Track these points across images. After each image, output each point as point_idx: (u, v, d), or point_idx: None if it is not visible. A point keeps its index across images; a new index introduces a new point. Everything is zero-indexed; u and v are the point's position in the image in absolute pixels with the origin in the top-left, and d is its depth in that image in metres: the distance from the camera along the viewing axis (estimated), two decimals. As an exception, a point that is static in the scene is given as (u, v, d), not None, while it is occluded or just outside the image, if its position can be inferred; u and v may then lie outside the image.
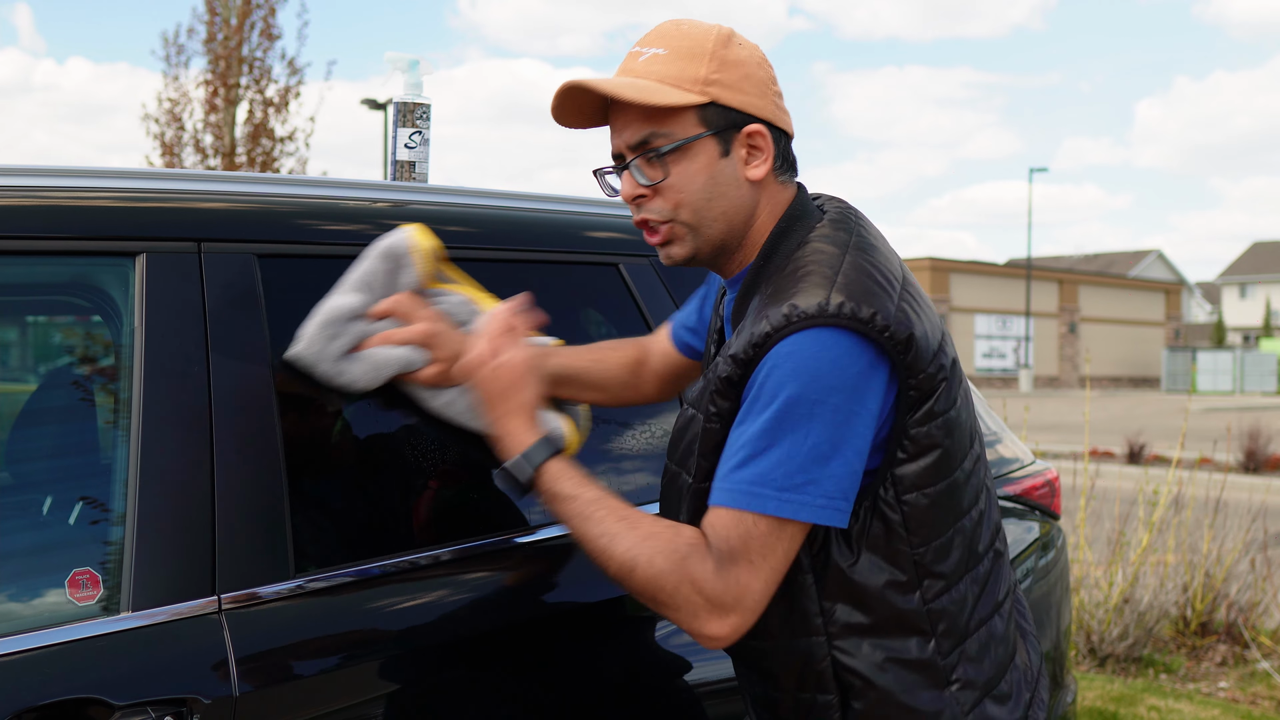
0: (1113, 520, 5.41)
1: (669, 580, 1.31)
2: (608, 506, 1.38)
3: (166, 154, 16.90)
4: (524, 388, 1.50)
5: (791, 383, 1.28)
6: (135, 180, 1.66)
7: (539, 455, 1.44)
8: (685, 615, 1.32)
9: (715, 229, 1.44)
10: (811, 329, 1.29)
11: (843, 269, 1.34)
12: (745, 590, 1.30)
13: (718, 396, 1.36)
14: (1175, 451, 6.21)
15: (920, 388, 1.33)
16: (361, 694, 1.55)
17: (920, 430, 1.34)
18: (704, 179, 1.42)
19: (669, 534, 1.34)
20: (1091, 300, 46.59)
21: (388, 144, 2.05)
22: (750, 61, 1.42)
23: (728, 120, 1.41)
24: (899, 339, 1.30)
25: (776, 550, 1.31)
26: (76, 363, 1.91)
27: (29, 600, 1.50)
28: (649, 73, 1.41)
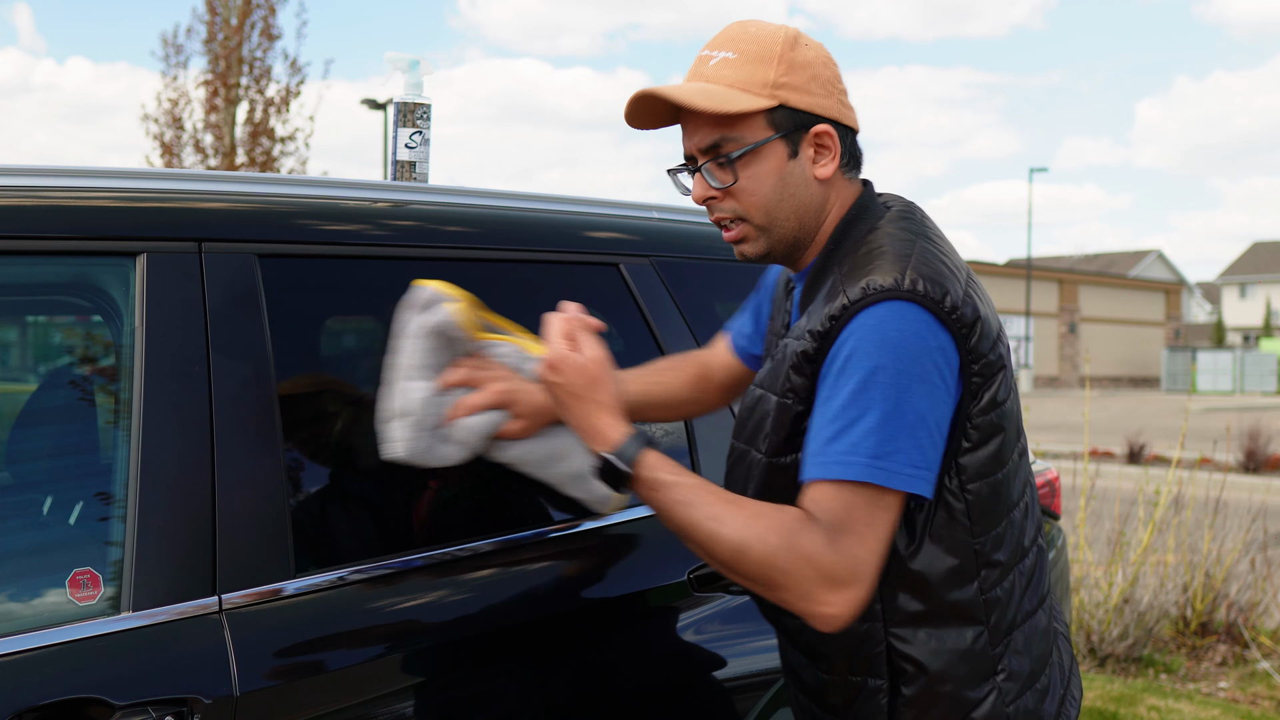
0: (1113, 520, 5.41)
1: (782, 557, 1.30)
2: (709, 490, 1.38)
3: (166, 154, 16.90)
4: (607, 382, 1.48)
5: (877, 353, 1.30)
6: (135, 180, 1.66)
7: (635, 446, 1.42)
8: (800, 593, 1.30)
9: (787, 227, 1.47)
10: (888, 302, 1.32)
11: (915, 253, 1.38)
12: (857, 561, 1.30)
13: (793, 372, 1.39)
14: (1175, 451, 6.21)
15: (983, 373, 1.36)
16: (362, 694, 1.55)
17: (984, 418, 1.37)
18: (774, 181, 1.45)
19: (775, 512, 1.34)
20: (1091, 300, 46.60)
21: (388, 144, 2.05)
22: (816, 62, 1.45)
23: (795, 122, 1.43)
24: (966, 321, 1.34)
25: (879, 520, 1.31)
26: (77, 363, 1.91)
27: (30, 600, 1.50)
28: (719, 77, 1.43)
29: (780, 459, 1.42)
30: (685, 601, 1.87)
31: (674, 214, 2.21)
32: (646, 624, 1.85)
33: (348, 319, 2.09)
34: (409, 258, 1.82)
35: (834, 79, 1.47)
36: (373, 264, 1.79)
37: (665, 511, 1.40)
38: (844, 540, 1.30)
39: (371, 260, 1.79)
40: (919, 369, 1.30)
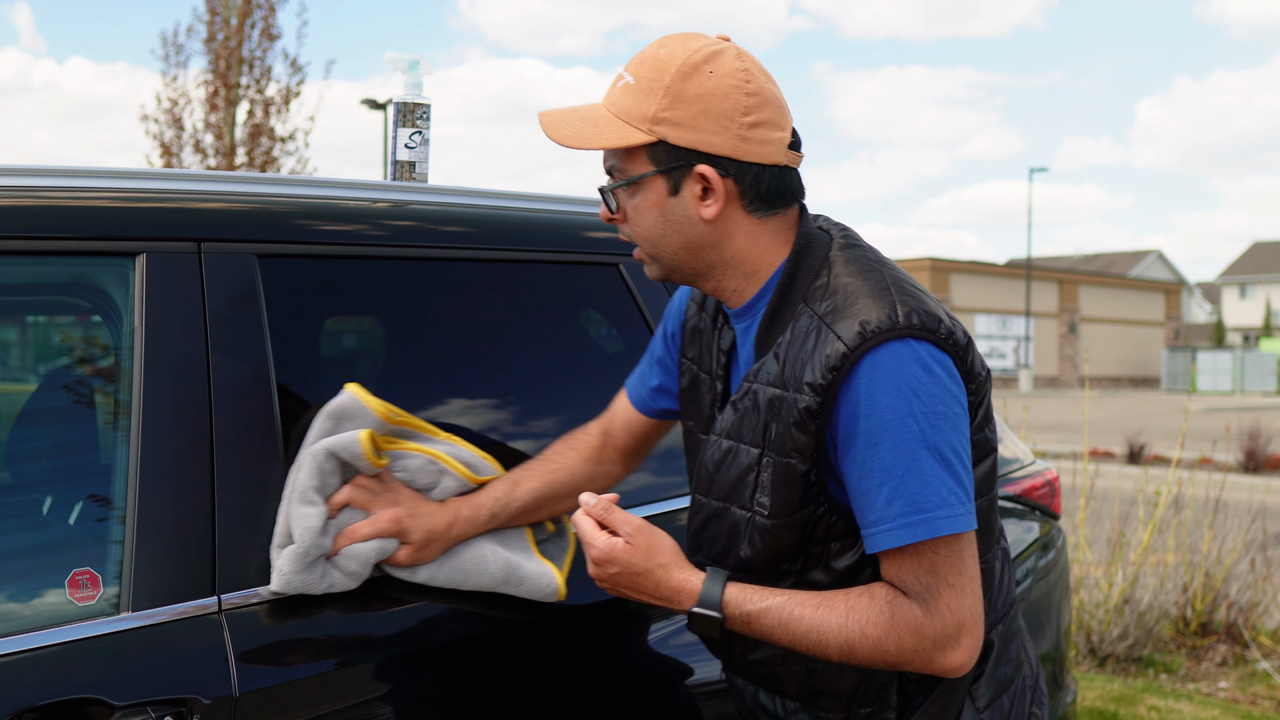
0: (1113, 520, 5.40)
1: (890, 643, 1.30)
2: (798, 603, 1.35)
3: (166, 154, 16.90)
4: (661, 544, 1.43)
5: (901, 403, 1.27)
6: (135, 180, 1.66)
7: (715, 591, 1.38)
8: (922, 663, 1.31)
9: (678, 259, 1.43)
10: (889, 343, 1.28)
11: (891, 284, 1.34)
12: (960, 612, 1.29)
13: (796, 430, 1.32)
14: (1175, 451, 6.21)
15: (977, 392, 1.36)
16: (362, 694, 1.55)
17: (980, 436, 1.37)
18: (654, 216, 1.40)
19: (867, 602, 1.32)
20: (1091, 300, 46.59)
21: (388, 144, 2.05)
22: (714, 93, 1.34)
23: (676, 159, 1.36)
24: (960, 344, 1.32)
25: (964, 563, 1.30)
26: (76, 363, 1.91)
27: (29, 600, 1.50)
28: (614, 103, 1.39)
29: (785, 519, 1.36)
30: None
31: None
32: (646, 626, 1.85)
33: (348, 319, 2.09)
34: (409, 258, 1.82)
35: (735, 111, 1.34)
36: (373, 264, 1.79)
37: (766, 637, 1.37)
38: (940, 601, 1.29)
39: (371, 260, 1.78)
40: (943, 406, 1.28)
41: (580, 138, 1.38)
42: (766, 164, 1.37)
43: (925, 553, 1.28)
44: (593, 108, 1.41)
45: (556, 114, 1.42)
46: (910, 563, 1.29)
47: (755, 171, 1.37)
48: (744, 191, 1.38)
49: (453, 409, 1.87)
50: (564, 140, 1.38)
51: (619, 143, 1.36)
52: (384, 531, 1.54)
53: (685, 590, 1.40)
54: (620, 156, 1.40)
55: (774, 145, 1.37)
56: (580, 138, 1.38)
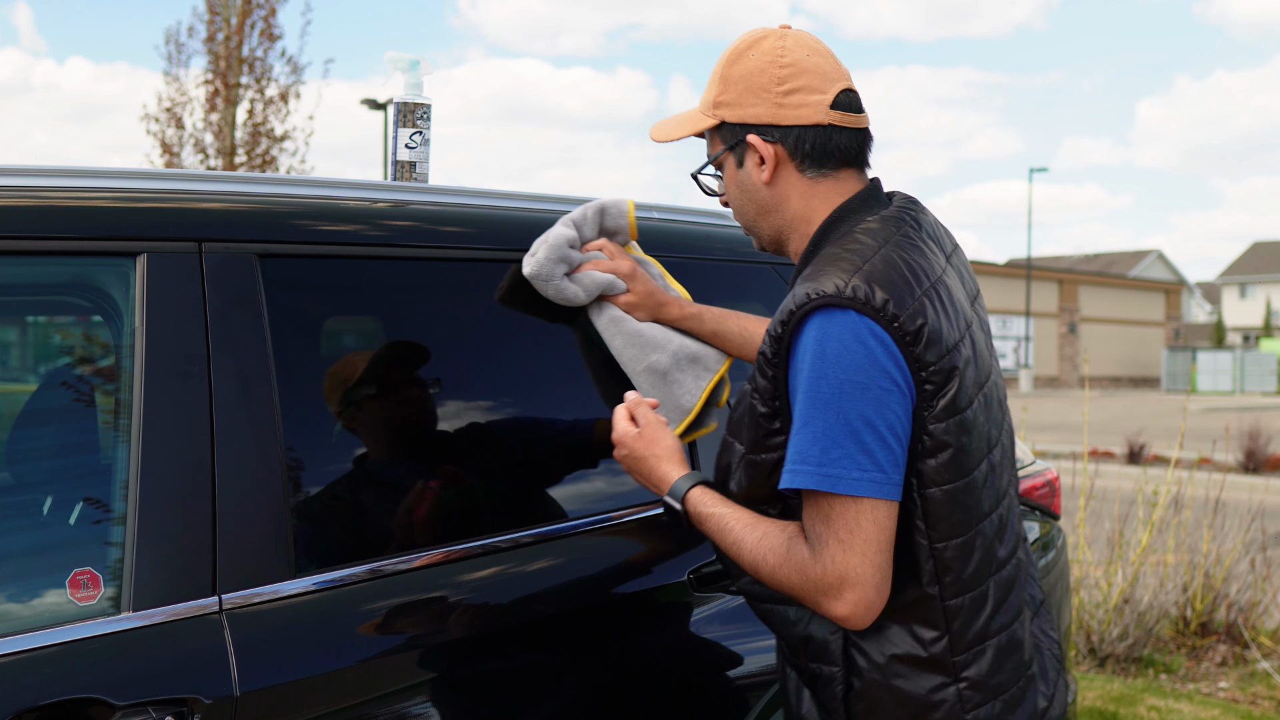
0: (1112, 520, 5.41)
1: (782, 572, 1.43)
2: (737, 517, 1.50)
3: (166, 154, 16.89)
4: (660, 440, 1.63)
5: (818, 362, 1.37)
6: (135, 180, 1.66)
7: (684, 485, 1.57)
8: (808, 601, 1.42)
9: (759, 227, 1.60)
10: (825, 309, 1.38)
11: (873, 258, 1.42)
12: (843, 566, 1.37)
13: (757, 373, 1.47)
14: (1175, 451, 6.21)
15: (933, 380, 1.39)
16: (362, 694, 1.55)
17: (938, 426, 1.40)
18: (734, 189, 1.60)
19: (776, 531, 1.46)
20: (1091, 300, 46.60)
21: (388, 144, 2.05)
22: (753, 72, 1.52)
23: (735, 135, 1.55)
24: (907, 329, 1.37)
25: (861, 525, 1.37)
26: (76, 363, 1.91)
27: (30, 600, 1.50)
28: (701, 99, 1.59)
29: (755, 456, 1.49)
30: (685, 601, 1.87)
31: (674, 214, 2.21)
32: (646, 623, 1.85)
33: (348, 319, 2.09)
34: (409, 258, 1.82)
35: (769, 83, 1.51)
36: (373, 264, 1.79)
37: (711, 539, 1.55)
38: (827, 550, 1.38)
39: (371, 260, 1.78)
40: (861, 375, 1.36)
41: (664, 131, 1.64)
42: (807, 125, 1.51)
43: (822, 504, 1.38)
44: (691, 110, 1.62)
45: (662, 121, 1.67)
46: (811, 510, 1.40)
47: (798, 133, 1.52)
48: (793, 152, 1.53)
49: (453, 409, 1.87)
50: (655, 136, 1.64)
51: (692, 128, 1.59)
52: (620, 272, 1.86)
53: (665, 481, 1.60)
54: (709, 145, 1.61)
55: (812, 106, 1.51)
56: (664, 131, 1.64)
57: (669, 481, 1.59)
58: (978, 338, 1.49)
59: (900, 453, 1.38)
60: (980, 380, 1.46)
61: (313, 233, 1.74)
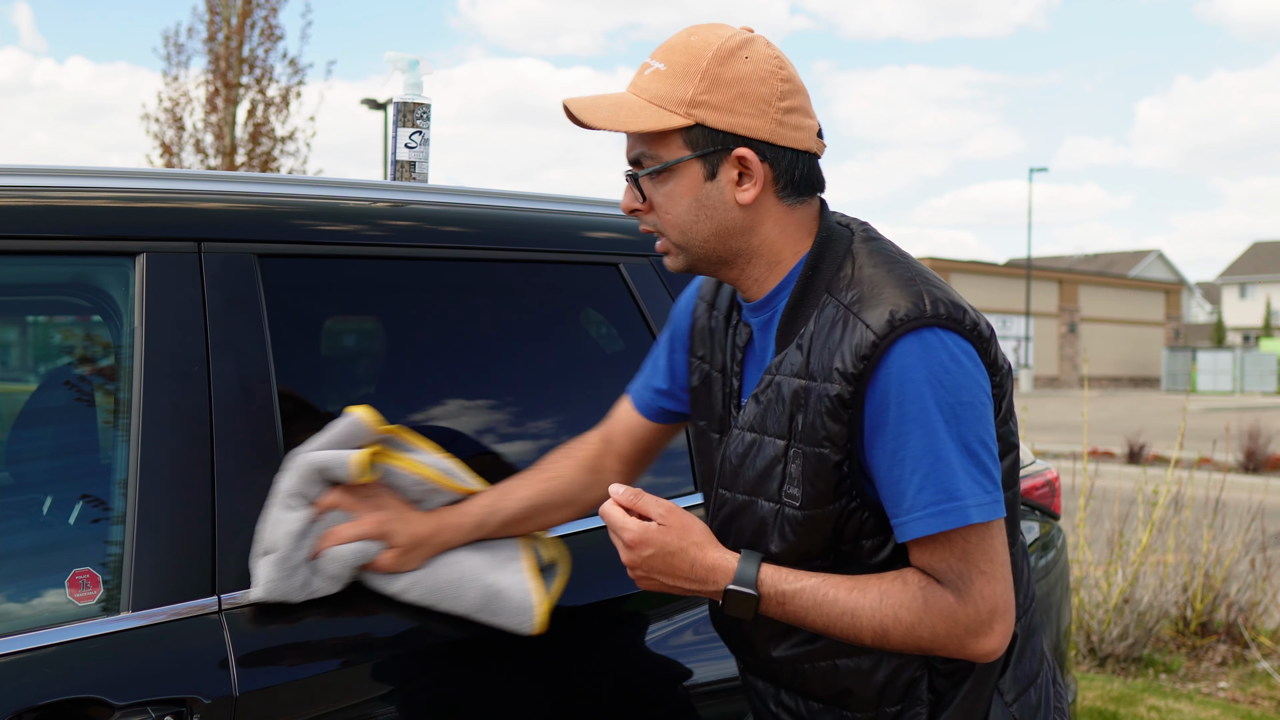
0: (1113, 520, 5.40)
1: (923, 629, 1.31)
2: (832, 585, 1.35)
3: (166, 154, 16.90)
4: (693, 525, 1.41)
5: (930, 391, 1.28)
6: (135, 180, 1.66)
7: (751, 570, 1.37)
8: (955, 648, 1.32)
9: (706, 248, 1.42)
10: (917, 331, 1.29)
11: (915, 274, 1.35)
12: (993, 598, 1.31)
13: (828, 419, 1.32)
14: (1175, 451, 6.21)
15: (1000, 385, 1.37)
16: (362, 694, 1.55)
17: (1004, 429, 1.38)
18: (688, 202, 1.39)
19: (900, 587, 1.33)
20: (1091, 300, 46.59)
21: (388, 144, 2.05)
22: (751, 78, 1.35)
23: (714, 143, 1.36)
24: (984, 335, 1.34)
25: (994, 550, 1.32)
26: (76, 363, 1.91)
27: (29, 600, 1.50)
28: (645, 89, 1.38)
29: (817, 510, 1.36)
30: (668, 608, 1.86)
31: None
32: (634, 629, 1.85)
33: (348, 319, 2.09)
34: (409, 258, 1.82)
35: (771, 96, 1.36)
36: (373, 264, 1.79)
37: (800, 620, 1.37)
38: (973, 588, 1.30)
39: (371, 260, 1.78)
40: (970, 395, 1.30)
41: (617, 121, 1.37)
42: (800, 150, 1.39)
43: (957, 540, 1.30)
44: (620, 95, 1.41)
45: (585, 100, 1.41)
46: (942, 551, 1.30)
47: (790, 157, 1.39)
48: (779, 177, 1.39)
49: (452, 409, 1.87)
50: (600, 124, 1.37)
51: (657, 125, 1.36)
52: (368, 534, 1.53)
53: (720, 568, 1.38)
54: (651, 142, 1.39)
55: (806, 132, 1.39)
56: (617, 121, 1.37)
57: (726, 569, 1.37)
58: None
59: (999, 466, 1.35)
60: None
61: (312, 233, 1.74)
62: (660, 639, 1.84)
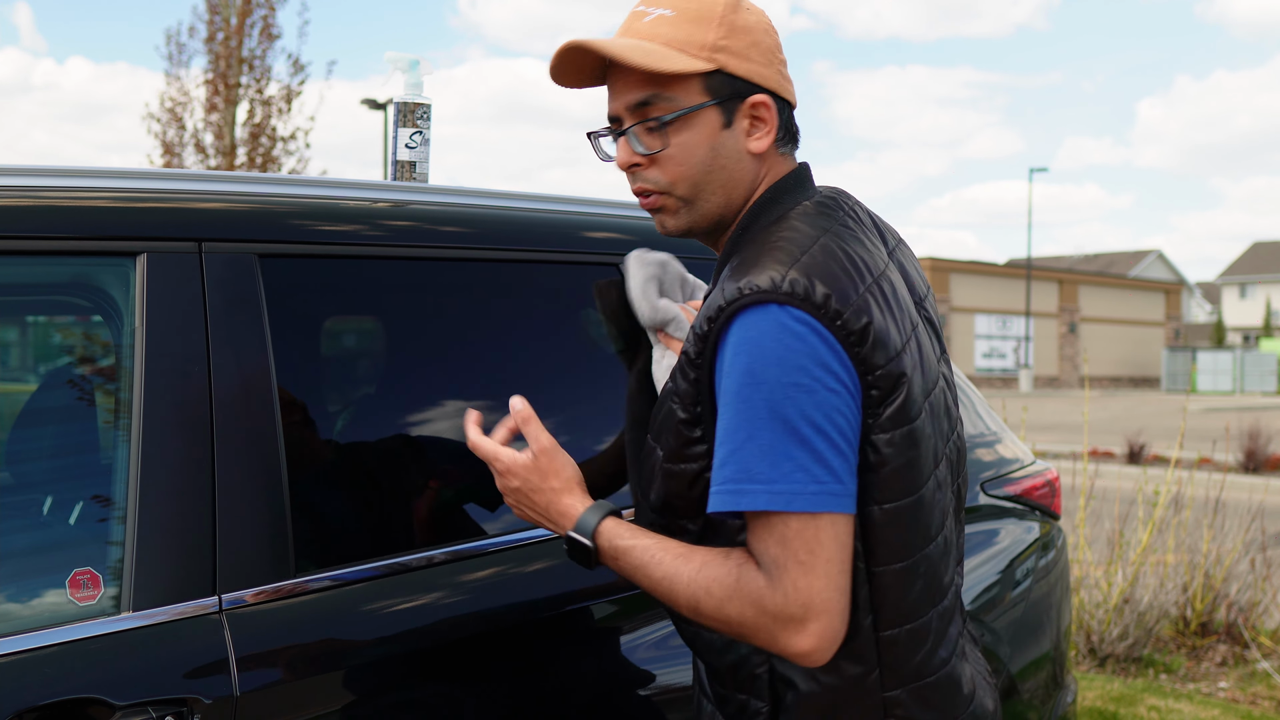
0: (1113, 520, 5.40)
1: (731, 609, 1.25)
2: (664, 548, 1.31)
3: (167, 154, 16.91)
4: (557, 468, 1.42)
5: (755, 365, 1.21)
6: (135, 180, 1.66)
7: (592, 517, 1.37)
8: (765, 638, 1.24)
9: (712, 203, 1.38)
10: (762, 305, 1.22)
11: (811, 249, 1.28)
12: (808, 592, 1.21)
13: (679, 375, 1.31)
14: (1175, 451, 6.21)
15: (879, 385, 1.24)
16: (362, 694, 1.55)
17: (883, 437, 1.25)
18: (705, 151, 1.35)
19: (720, 561, 1.27)
20: (1091, 300, 46.58)
21: (388, 144, 2.05)
22: (758, 28, 1.37)
23: (733, 89, 1.34)
24: (852, 328, 1.22)
25: (821, 542, 1.21)
26: (76, 363, 1.91)
27: (29, 600, 1.50)
28: (654, 34, 1.33)
29: (674, 466, 1.33)
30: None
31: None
32: (635, 627, 1.85)
33: (348, 319, 2.09)
34: (409, 258, 1.82)
35: (775, 48, 1.39)
36: (373, 264, 1.79)
37: (630, 577, 1.34)
38: (787, 576, 1.21)
39: (371, 260, 1.78)
40: (804, 376, 1.20)
41: (650, 59, 1.30)
42: (792, 103, 1.42)
43: (776, 524, 1.21)
44: (632, 39, 1.34)
45: (601, 41, 1.34)
46: (761, 531, 1.23)
47: (789, 110, 1.42)
48: (782, 126, 1.40)
49: (452, 409, 1.87)
50: (635, 60, 1.30)
51: (687, 67, 1.31)
52: None
53: (568, 515, 1.39)
54: (668, 87, 1.33)
55: (791, 84, 1.42)
56: (650, 59, 1.30)
57: (572, 515, 1.38)
58: (924, 341, 1.36)
59: (853, 460, 1.24)
60: (927, 388, 1.32)
61: (313, 233, 1.74)
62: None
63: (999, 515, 2.42)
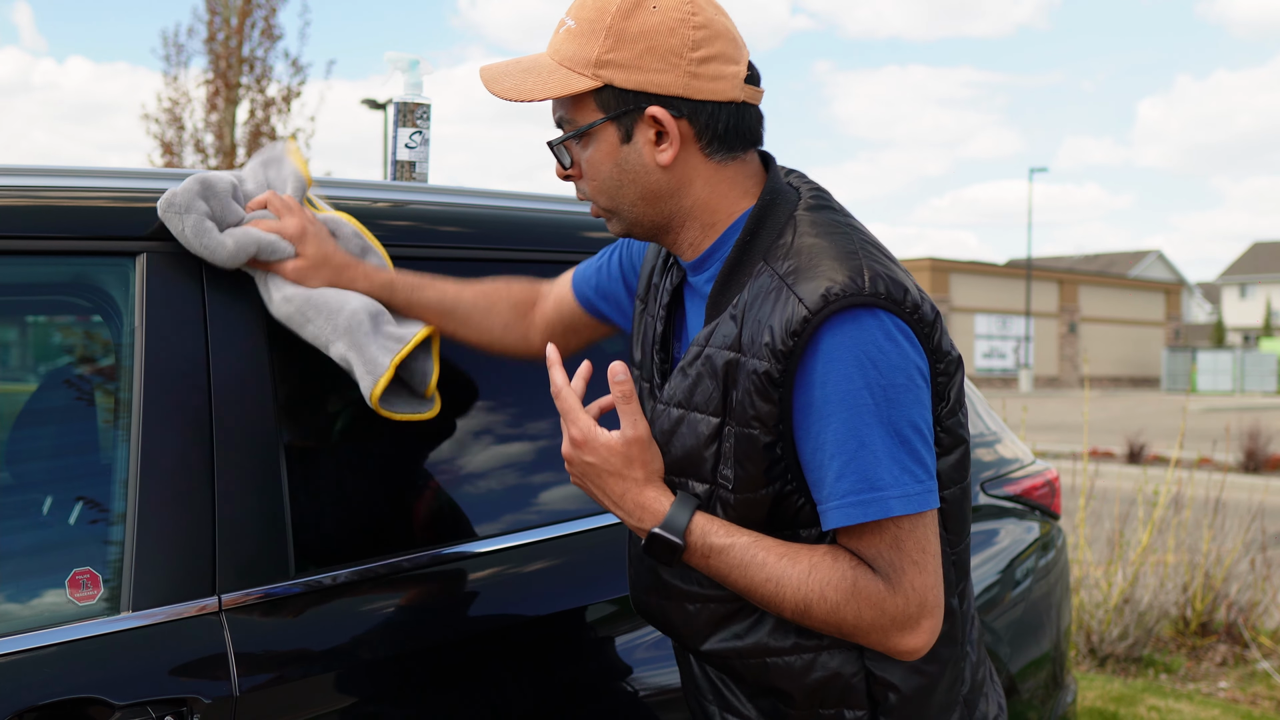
0: (1113, 520, 5.40)
1: (847, 611, 1.23)
2: (763, 547, 1.27)
3: (167, 154, 16.91)
4: (646, 461, 1.33)
5: (858, 373, 1.20)
6: (135, 180, 1.66)
7: (682, 517, 1.29)
8: (878, 638, 1.25)
9: (636, 211, 1.35)
10: (850, 310, 1.20)
11: (859, 247, 1.26)
12: (924, 591, 1.23)
13: (758, 398, 1.24)
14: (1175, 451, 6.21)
15: (946, 371, 1.27)
16: (362, 694, 1.55)
17: (951, 420, 1.30)
18: (609, 166, 1.32)
19: (831, 564, 1.25)
20: (1091, 300, 46.58)
21: (388, 144, 2.05)
22: (659, 29, 1.26)
23: (625, 103, 1.28)
24: (928, 319, 1.24)
25: (926, 541, 1.23)
26: (76, 363, 1.91)
27: (29, 600, 1.50)
28: (557, 50, 1.31)
29: (752, 494, 1.28)
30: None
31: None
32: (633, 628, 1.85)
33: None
34: (409, 258, 1.82)
35: (681, 47, 1.26)
36: (373, 264, 1.78)
37: (723, 577, 1.29)
38: (903, 578, 1.22)
39: (371, 260, 1.78)
40: (904, 378, 1.21)
41: (522, 90, 1.30)
42: (722, 101, 1.29)
43: (889, 528, 1.22)
44: (536, 58, 1.33)
45: (498, 67, 1.34)
46: (872, 538, 1.23)
47: (710, 110, 1.29)
48: (700, 132, 1.30)
49: (451, 408, 1.87)
50: (505, 94, 1.30)
51: (562, 91, 1.28)
52: (285, 232, 1.58)
53: (650, 509, 1.31)
54: (568, 107, 1.32)
55: (728, 80, 1.29)
56: (522, 90, 1.30)
57: (656, 510, 1.30)
58: None
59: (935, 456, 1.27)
60: None
61: (312, 233, 1.74)
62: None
63: (999, 515, 2.42)
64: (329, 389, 1.72)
